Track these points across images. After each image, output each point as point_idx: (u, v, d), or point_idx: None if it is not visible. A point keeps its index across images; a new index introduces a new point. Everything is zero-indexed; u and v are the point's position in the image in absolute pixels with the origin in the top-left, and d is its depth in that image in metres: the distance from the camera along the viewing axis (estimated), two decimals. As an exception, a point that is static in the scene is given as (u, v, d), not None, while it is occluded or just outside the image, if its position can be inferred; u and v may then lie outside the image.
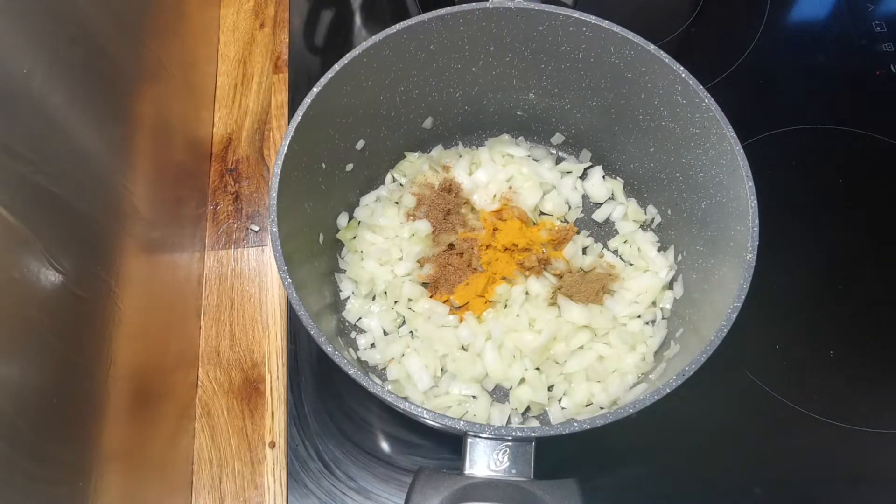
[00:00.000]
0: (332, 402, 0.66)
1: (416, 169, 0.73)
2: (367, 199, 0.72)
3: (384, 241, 0.70)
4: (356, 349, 0.66)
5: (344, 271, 0.69)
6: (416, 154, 0.74)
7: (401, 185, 0.73)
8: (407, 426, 0.65)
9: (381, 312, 0.67)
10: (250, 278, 0.74)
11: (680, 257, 0.67)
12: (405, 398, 0.51)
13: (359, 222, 0.71)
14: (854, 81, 0.83)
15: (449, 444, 0.64)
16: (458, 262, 0.68)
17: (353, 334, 0.67)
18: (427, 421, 0.49)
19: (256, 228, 0.77)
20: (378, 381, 0.64)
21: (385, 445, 0.65)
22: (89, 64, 0.55)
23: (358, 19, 0.90)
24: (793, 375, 0.67)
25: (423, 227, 0.69)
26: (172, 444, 0.63)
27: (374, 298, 0.68)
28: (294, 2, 0.91)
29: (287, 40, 0.88)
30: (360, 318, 0.68)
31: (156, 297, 0.63)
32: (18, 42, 0.46)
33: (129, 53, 0.63)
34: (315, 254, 0.66)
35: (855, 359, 0.68)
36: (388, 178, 0.74)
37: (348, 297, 0.69)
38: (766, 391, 0.66)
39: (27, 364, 0.43)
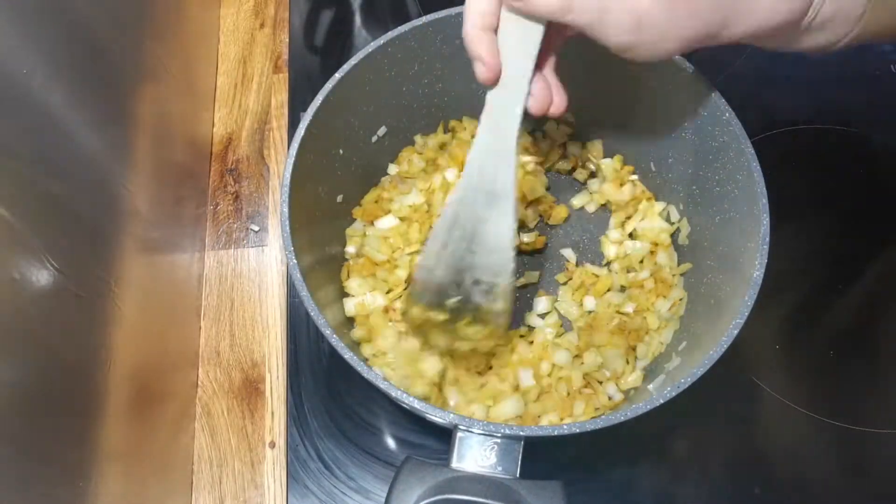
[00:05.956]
0: (332, 402, 0.66)
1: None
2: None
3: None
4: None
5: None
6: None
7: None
8: (407, 425, 0.65)
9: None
10: (250, 278, 0.74)
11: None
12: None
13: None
14: (854, 81, 0.83)
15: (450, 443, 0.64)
16: None
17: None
18: (418, 411, 0.49)
19: (256, 228, 0.77)
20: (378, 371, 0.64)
21: (385, 445, 0.65)
22: (89, 64, 0.55)
23: (358, 19, 0.90)
24: (793, 375, 0.67)
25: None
26: (172, 444, 0.63)
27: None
28: (294, 2, 0.91)
29: (287, 40, 0.88)
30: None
31: (156, 297, 0.63)
32: (18, 42, 0.46)
33: (129, 53, 0.63)
34: (326, 241, 0.66)
35: (855, 359, 0.68)
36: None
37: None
38: (766, 391, 0.66)
39: (27, 364, 0.43)
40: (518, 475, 0.47)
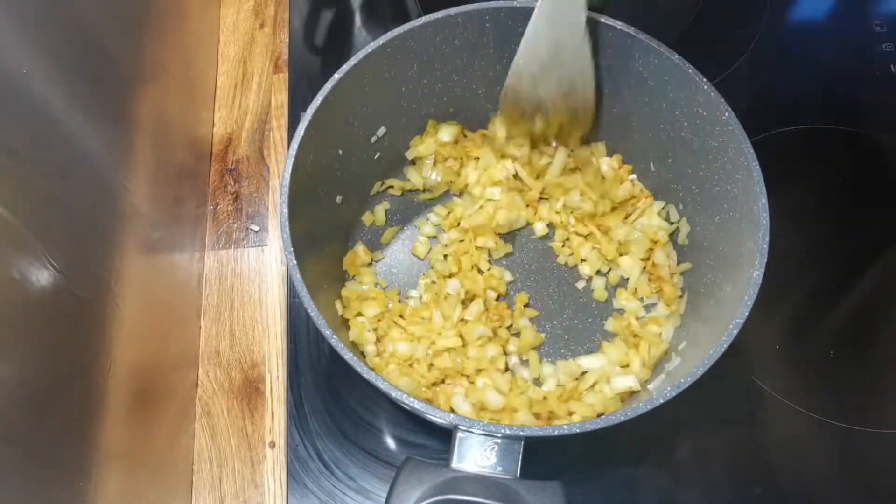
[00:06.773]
0: (332, 402, 0.66)
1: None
2: None
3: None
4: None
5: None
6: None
7: None
8: (407, 425, 0.65)
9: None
10: (250, 278, 0.74)
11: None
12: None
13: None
14: (854, 81, 0.83)
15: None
16: None
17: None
18: (418, 412, 0.49)
19: (256, 228, 0.77)
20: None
21: (385, 445, 0.65)
22: (89, 64, 0.55)
23: (358, 19, 0.90)
24: (793, 375, 0.67)
25: None
26: (172, 444, 0.63)
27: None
28: (294, 2, 0.91)
29: (287, 40, 0.88)
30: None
31: (156, 297, 0.63)
32: (18, 42, 0.46)
33: (129, 53, 0.64)
34: (326, 241, 0.66)
35: (855, 359, 0.68)
36: None
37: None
38: (766, 391, 0.66)
39: (27, 364, 0.43)
40: (518, 475, 0.47)
